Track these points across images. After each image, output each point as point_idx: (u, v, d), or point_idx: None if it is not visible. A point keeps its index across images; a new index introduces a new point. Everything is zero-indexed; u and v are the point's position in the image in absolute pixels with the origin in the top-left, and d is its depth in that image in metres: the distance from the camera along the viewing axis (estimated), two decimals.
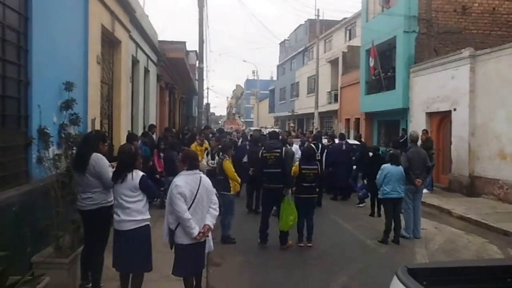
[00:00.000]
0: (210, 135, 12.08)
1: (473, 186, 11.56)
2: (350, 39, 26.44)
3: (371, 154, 10.12)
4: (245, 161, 9.54)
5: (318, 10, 28.15)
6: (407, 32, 15.53)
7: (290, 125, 38.47)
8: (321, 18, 27.64)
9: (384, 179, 7.30)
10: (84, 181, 4.36)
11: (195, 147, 9.03)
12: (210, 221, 4.25)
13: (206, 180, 4.31)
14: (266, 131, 16.41)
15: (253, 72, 71.13)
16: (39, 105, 4.67)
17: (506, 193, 10.48)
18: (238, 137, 15.91)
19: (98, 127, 7.00)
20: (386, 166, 7.41)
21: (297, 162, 7.43)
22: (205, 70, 20.65)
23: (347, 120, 23.68)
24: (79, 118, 5.37)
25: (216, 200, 4.44)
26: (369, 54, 18.10)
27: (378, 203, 9.01)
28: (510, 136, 10.45)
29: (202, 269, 4.54)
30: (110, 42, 8.49)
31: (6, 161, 4.33)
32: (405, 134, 14.01)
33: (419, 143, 9.13)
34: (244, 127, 40.84)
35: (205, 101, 35.80)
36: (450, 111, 12.70)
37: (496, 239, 7.62)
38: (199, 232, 4.11)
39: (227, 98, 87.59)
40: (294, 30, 40.36)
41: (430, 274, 2.74)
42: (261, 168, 7.10)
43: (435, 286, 2.68)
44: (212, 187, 4.43)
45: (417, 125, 14.02)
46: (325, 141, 12.16)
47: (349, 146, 11.54)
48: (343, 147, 11.29)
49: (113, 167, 4.35)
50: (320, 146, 10.83)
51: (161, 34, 14.91)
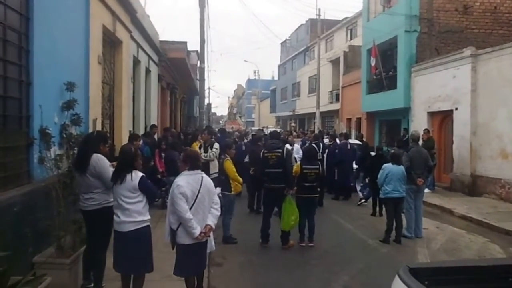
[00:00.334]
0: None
1: (474, 186, 11.54)
2: (351, 39, 26.40)
3: (374, 153, 10.10)
4: (246, 161, 9.54)
5: (319, 9, 28.51)
6: (408, 31, 15.50)
7: (291, 125, 38.45)
8: (322, 17, 27.57)
9: (385, 179, 7.29)
10: (85, 181, 4.37)
11: (197, 147, 9.03)
12: (212, 221, 4.25)
13: (207, 180, 4.32)
14: (267, 131, 16.39)
15: (254, 72, 71.41)
16: (41, 105, 4.67)
17: (508, 192, 10.46)
18: (237, 136, 15.84)
19: (99, 128, 6.99)
20: (387, 166, 7.40)
21: (298, 162, 7.42)
22: (206, 70, 20.75)
23: (349, 119, 23.65)
24: (81, 118, 5.38)
25: (217, 200, 4.44)
26: (370, 53, 18.08)
27: (379, 203, 9.01)
28: None
29: (203, 269, 4.55)
30: (111, 42, 8.49)
31: (8, 161, 4.33)
32: (406, 134, 14.00)
33: (421, 143, 9.12)
34: (245, 127, 40.84)
35: (206, 101, 35.93)
36: (451, 111, 12.68)
37: (497, 239, 7.61)
38: (201, 232, 4.11)
39: (228, 98, 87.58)
40: (295, 30, 40.31)
41: (431, 274, 2.74)
42: (262, 168, 7.10)
43: (437, 285, 2.68)
44: (213, 187, 4.44)
45: (418, 124, 14.00)
46: (326, 140, 12.15)
47: (353, 146, 11.54)
48: (348, 147, 11.28)
49: (114, 167, 4.35)
50: (321, 146, 10.83)
51: (162, 34, 14.91)
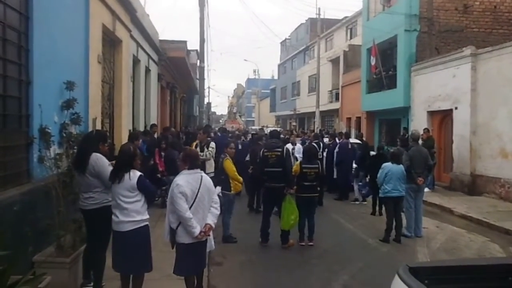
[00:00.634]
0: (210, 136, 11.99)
1: (474, 185, 11.55)
2: (351, 38, 26.39)
3: (375, 153, 10.08)
4: (247, 159, 9.54)
5: (319, 9, 28.59)
6: (408, 30, 15.51)
7: (292, 124, 38.46)
8: (322, 17, 27.57)
9: (385, 178, 7.29)
10: (84, 181, 4.36)
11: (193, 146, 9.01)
12: (211, 220, 4.25)
13: (207, 179, 4.32)
14: (267, 130, 16.38)
15: (254, 71, 71.37)
16: (40, 104, 4.66)
17: (508, 191, 10.46)
18: (235, 135, 15.76)
19: (99, 127, 7.00)
20: (387, 165, 7.39)
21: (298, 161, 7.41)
22: (206, 69, 20.77)
23: (348, 119, 23.65)
24: (80, 117, 5.37)
25: (217, 199, 4.44)
26: (370, 53, 18.08)
27: (379, 202, 9.01)
28: None
29: (203, 268, 4.54)
30: (111, 42, 8.49)
31: (7, 160, 4.32)
32: (406, 133, 13.99)
33: (421, 142, 9.12)
34: (245, 126, 40.85)
35: (206, 100, 35.94)
36: (451, 110, 12.68)
37: (497, 238, 7.62)
38: (200, 231, 4.10)
39: (228, 97, 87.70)
40: (295, 29, 40.30)
41: (431, 273, 2.74)
42: (262, 167, 7.10)
43: (437, 285, 2.68)
44: (213, 186, 4.43)
45: (418, 123, 14.01)
46: (326, 140, 12.14)
47: (353, 145, 11.53)
48: (349, 146, 11.26)
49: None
50: (321, 145, 10.82)
51: (162, 34, 14.92)
